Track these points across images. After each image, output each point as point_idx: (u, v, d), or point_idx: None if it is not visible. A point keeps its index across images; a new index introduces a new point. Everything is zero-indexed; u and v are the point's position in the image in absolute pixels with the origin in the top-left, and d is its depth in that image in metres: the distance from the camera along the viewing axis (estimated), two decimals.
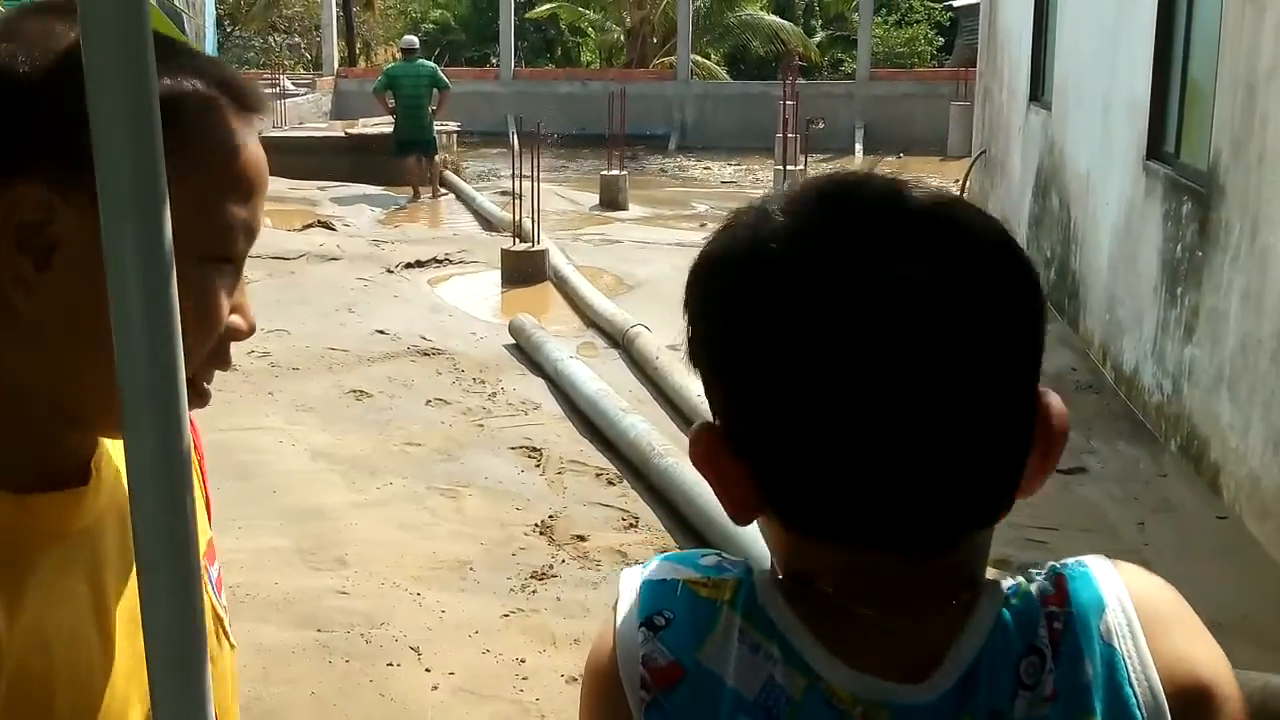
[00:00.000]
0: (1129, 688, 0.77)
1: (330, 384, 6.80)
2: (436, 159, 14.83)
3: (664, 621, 0.82)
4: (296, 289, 9.10)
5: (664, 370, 6.71)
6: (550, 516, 5.01)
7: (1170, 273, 6.07)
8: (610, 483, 5.40)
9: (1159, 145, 6.65)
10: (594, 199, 14.54)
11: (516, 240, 9.99)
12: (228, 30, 26.02)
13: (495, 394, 6.70)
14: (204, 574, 0.94)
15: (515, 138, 14.22)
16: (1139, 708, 0.77)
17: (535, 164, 10.35)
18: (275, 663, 3.73)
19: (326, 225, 12.16)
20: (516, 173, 10.50)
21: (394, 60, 16.87)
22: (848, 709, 0.77)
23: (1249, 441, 4.91)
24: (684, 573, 0.84)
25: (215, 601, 0.98)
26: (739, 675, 0.79)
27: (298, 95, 20.22)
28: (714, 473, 0.81)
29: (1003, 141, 12.51)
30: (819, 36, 29.06)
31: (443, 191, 14.86)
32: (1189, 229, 5.83)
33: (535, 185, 10.16)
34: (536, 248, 9.84)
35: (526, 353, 7.32)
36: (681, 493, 4.83)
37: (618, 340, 7.66)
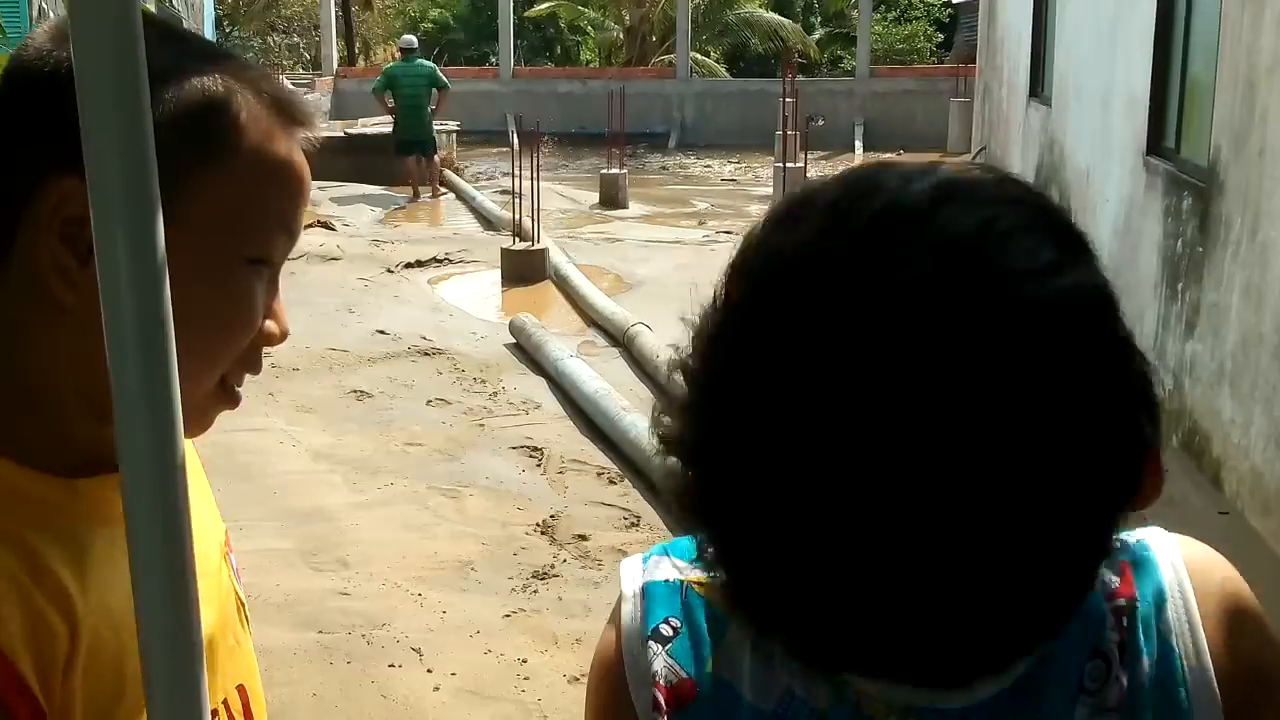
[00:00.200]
0: (1182, 689, 0.73)
1: (331, 384, 6.80)
2: (436, 158, 14.83)
3: (671, 632, 0.77)
4: (297, 289, 9.09)
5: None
6: (551, 516, 5.00)
7: (1171, 268, 6.06)
8: (611, 482, 5.39)
9: (1159, 140, 6.64)
10: (594, 197, 14.53)
11: (517, 239, 9.98)
12: (226, 30, 25.97)
13: (496, 394, 6.70)
14: (225, 562, 0.98)
15: (515, 137, 14.21)
16: (1189, 715, 0.73)
17: (535, 163, 10.34)
18: (277, 664, 3.72)
19: (326, 225, 12.14)
20: (516, 172, 10.49)
21: (393, 60, 16.87)
22: (881, 718, 0.72)
23: (1251, 437, 4.90)
24: (688, 572, 0.79)
25: (237, 588, 1.01)
26: (754, 688, 0.75)
27: None
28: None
29: (1002, 138, 12.51)
30: (818, 33, 29.01)
31: (443, 191, 14.85)
32: (1189, 224, 5.82)
33: (535, 184, 10.15)
34: (537, 247, 9.82)
35: (527, 352, 7.32)
36: None
37: (618, 339, 7.65)
